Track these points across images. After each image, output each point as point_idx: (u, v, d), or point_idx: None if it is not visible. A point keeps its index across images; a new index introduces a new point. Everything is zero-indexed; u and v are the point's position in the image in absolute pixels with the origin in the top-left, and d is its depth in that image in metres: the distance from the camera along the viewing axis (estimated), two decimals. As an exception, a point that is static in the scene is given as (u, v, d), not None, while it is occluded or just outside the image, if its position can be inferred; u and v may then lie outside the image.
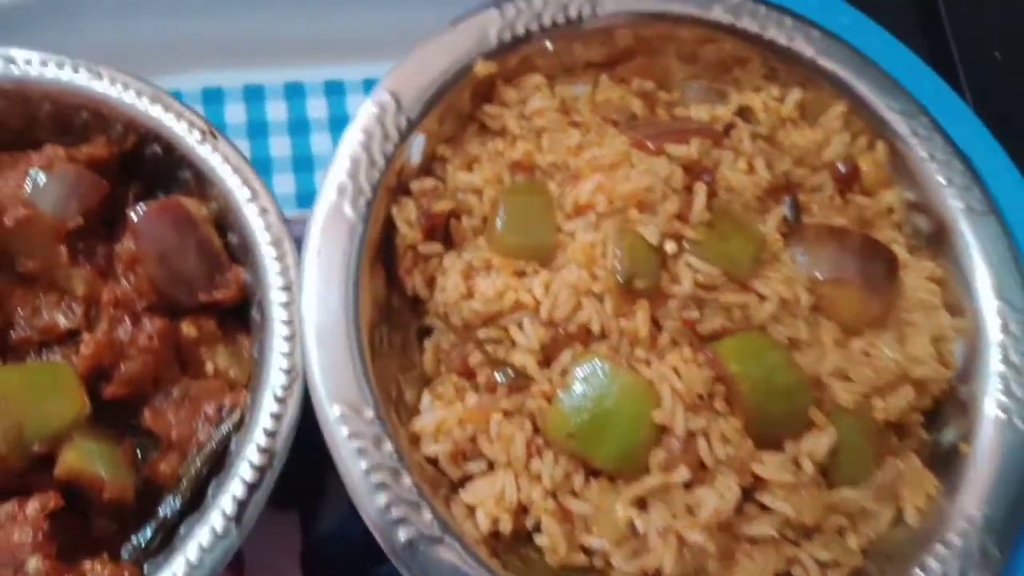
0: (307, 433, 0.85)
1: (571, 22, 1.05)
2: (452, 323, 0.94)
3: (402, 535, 0.79)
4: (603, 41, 1.07)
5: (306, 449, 0.85)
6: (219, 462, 0.86)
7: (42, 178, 0.92)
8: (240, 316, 0.96)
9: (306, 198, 1.16)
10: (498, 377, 0.89)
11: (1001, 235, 0.99)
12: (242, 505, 0.80)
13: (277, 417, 0.84)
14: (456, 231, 0.98)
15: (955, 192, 1.02)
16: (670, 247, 0.89)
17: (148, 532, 0.83)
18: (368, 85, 1.23)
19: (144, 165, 0.99)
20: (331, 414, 0.82)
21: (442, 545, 0.79)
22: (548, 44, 1.04)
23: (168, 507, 0.84)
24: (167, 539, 0.83)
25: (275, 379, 0.85)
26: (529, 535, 0.86)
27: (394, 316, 0.97)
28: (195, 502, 0.84)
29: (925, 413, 0.96)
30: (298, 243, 0.91)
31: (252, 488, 0.81)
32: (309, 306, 0.87)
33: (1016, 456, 0.89)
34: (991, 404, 0.91)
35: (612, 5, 1.06)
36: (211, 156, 0.95)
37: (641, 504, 0.84)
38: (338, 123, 1.26)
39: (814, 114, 1.09)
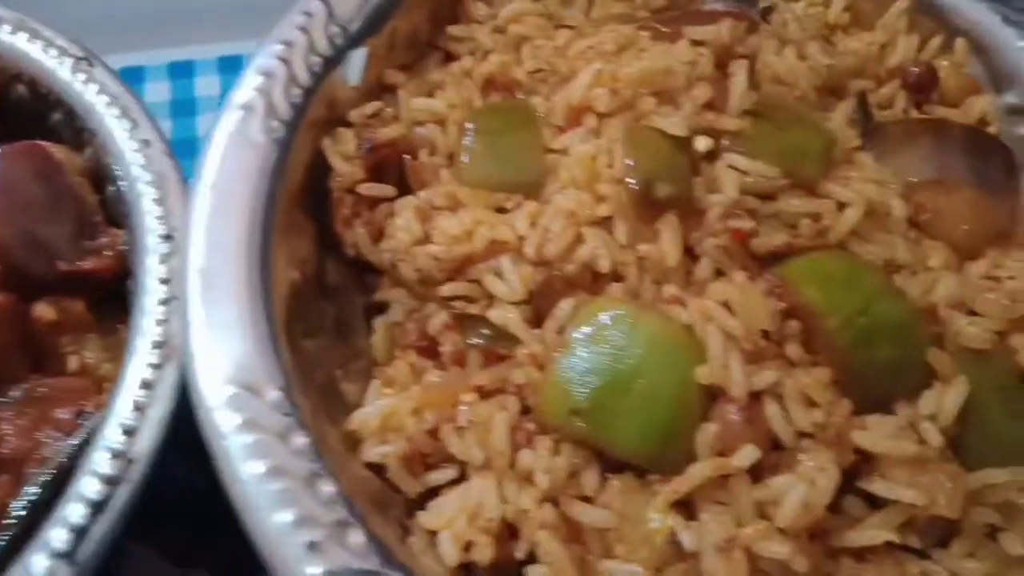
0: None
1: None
2: (405, 280, 0.67)
3: (316, 568, 0.50)
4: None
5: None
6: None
7: None
8: (123, 301, 0.70)
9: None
10: (470, 342, 0.62)
11: None
12: (79, 535, 0.52)
13: (141, 408, 0.57)
14: (414, 173, 0.73)
15: (1072, 82, 0.76)
16: (703, 143, 0.63)
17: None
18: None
19: (7, 112, 0.76)
20: (214, 395, 0.56)
21: (383, 582, 0.51)
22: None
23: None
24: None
25: (142, 356, 0.59)
26: (520, 568, 0.57)
27: (330, 290, 0.72)
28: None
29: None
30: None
31: (96, 510, 0.53)
32: (196, 253, 0.62)
33: None
34: None
35: None
36: (85, 89, 0.72)
37: (687, 509, 0.56)
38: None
39: (870, 19, 0.85)
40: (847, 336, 0.56)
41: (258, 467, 0.53)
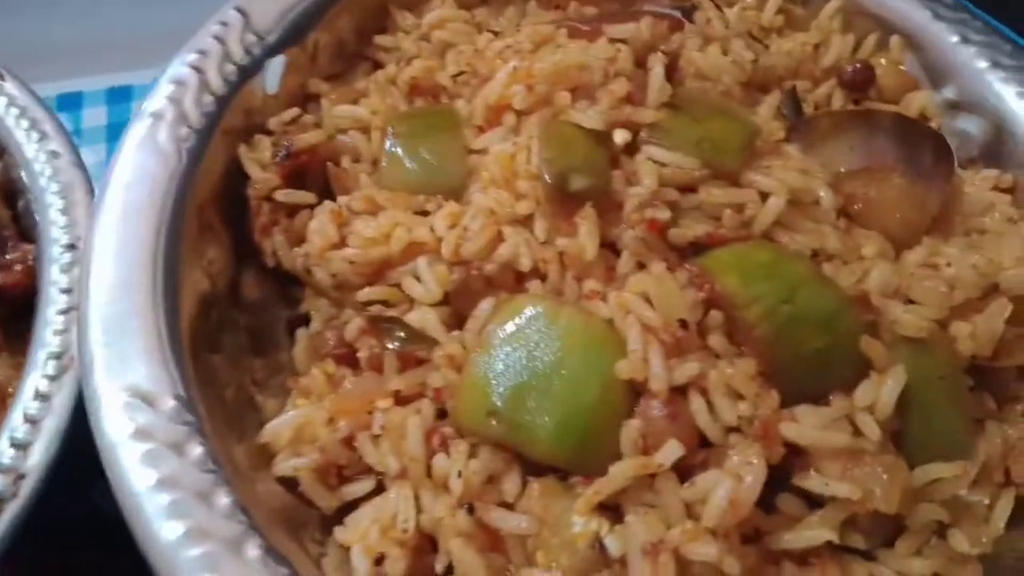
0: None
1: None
2: (320, 286, 0.65)
3: (207, 584, 0.47)
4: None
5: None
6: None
7: None
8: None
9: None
10: (389, 347, 0.60)
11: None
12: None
13: (33, 420, 0.54)
14: (337, 180, 0.71)
15: (1004, 75, 0.75)
16: (620, 136, 0.62)
17: None
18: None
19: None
20: (108, 404, 0.52)
21: (278, 598, 0.47)
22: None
23: None
24: None
25: (38, 368, 0.56)
26: (441, 581, 0.53)
27: (246, 303, 0.69)
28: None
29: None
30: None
31: (-21, 532, 0.50)
32: (98, 261, 0.59)
33: None
34: None
35: None
36: (-6, 104, 0.70)
37: (615, 513, 0.53)
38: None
39: (804, 22, 0.84)
40: (770, 325, 0.54)
41: (150, 478, 0.50)
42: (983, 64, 0.76)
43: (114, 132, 1.03)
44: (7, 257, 0.67)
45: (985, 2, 0.82)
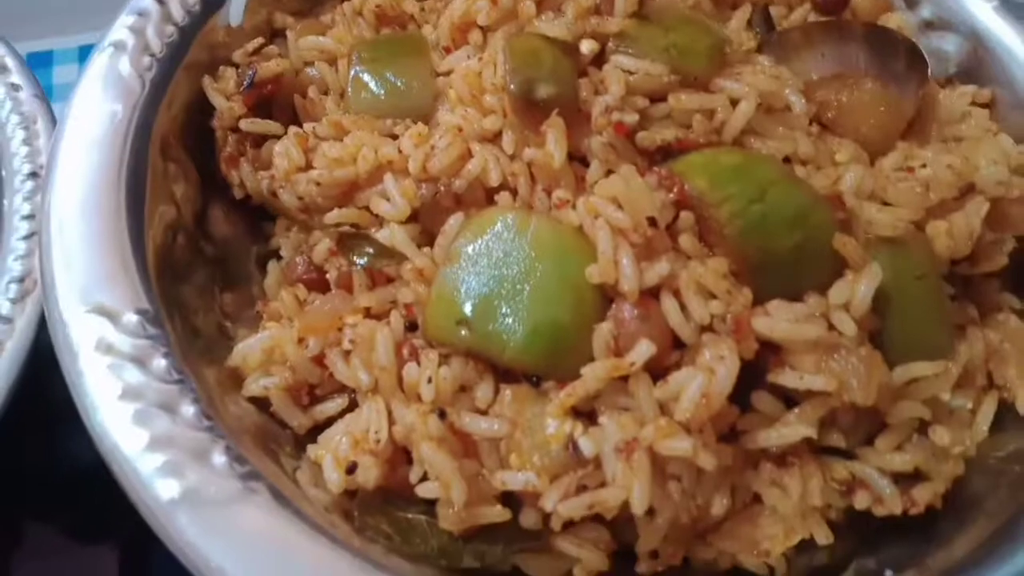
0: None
1: None
2: (287, 209, 0.64)
3: (170, 489, 0.46)
4: None
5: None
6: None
7: None
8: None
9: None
10: (357, 263, 0.59)
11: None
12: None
13: (-6, 343, 0.53)
14: (304, 111, 0.70)
15: (983, -12, 0.74)
16: (587, 46, 0.61)
17: None
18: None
19: None
20: (70, 317, 0.51)
21: (243, 504, 0.46)
22: None
23: None
24: None
25: (2, 292, 0.55)
26: (414, 493, 0.52)
27: (216, 238, 0.68)
28: None
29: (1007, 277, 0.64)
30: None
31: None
32: (60, 187, 0.58)
33: None
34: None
35: None
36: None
37: (587, 414, 0.52)
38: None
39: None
40: (741, 224, 0.53)
41: (114, 390, 0.49)
42: (959, -23, 0.75)
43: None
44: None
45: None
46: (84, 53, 1.04)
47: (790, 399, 0.53)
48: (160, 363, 0.51)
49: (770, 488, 0.53)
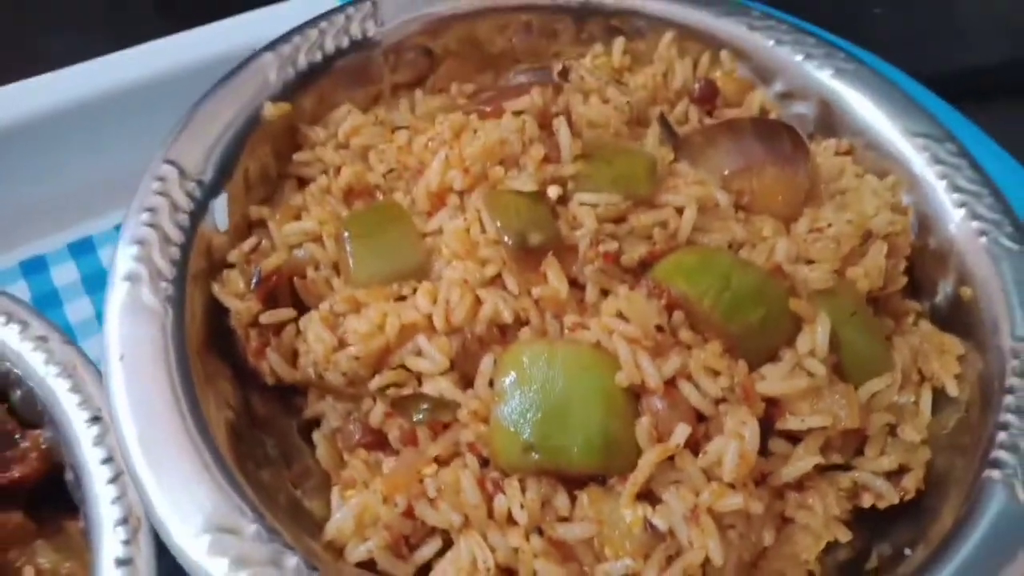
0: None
1: (358, 43, 0.92)
2: (334, 387, 0.72)
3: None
4: (401, 58, 0.94)
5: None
6: None
7: None
8: (60, 494, 0.70)
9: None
10: (414, 418, 0.68)
11: (879, 80, 0.89)
12: None
13: (123, 585, 0.58)
14: (305, 290, 0.78)
15: (816, 63, 0.92)
16: (553, 191, 0.73)
17: None
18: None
19: None
20: (195, 548, 0.58)
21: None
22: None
23: None
24: None
25: (109, 538, 0.60)
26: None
27: (261, 421, 0.75)
28: None
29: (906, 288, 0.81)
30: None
31: None
32: (128, 424, 0.63)
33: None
34: (969, 237, 0.78)
35: (393, 10, 0.93)
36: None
37: (650, 497, 0.63)
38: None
39: (647, 55, 0.99)
40: (720, 310, 0.66)
41: (262, 596, 0.56)
42: (798, 57, 0.92)
43: (90, 283, 1.02)
44: (18, 449, 0.70)
45: (783, 6, 1.00)
46: (75, 250, 1.06)
47: (793, 437, 0.67)
48: (292, 562, 0.58)
49: (799, 510, 0.66)
